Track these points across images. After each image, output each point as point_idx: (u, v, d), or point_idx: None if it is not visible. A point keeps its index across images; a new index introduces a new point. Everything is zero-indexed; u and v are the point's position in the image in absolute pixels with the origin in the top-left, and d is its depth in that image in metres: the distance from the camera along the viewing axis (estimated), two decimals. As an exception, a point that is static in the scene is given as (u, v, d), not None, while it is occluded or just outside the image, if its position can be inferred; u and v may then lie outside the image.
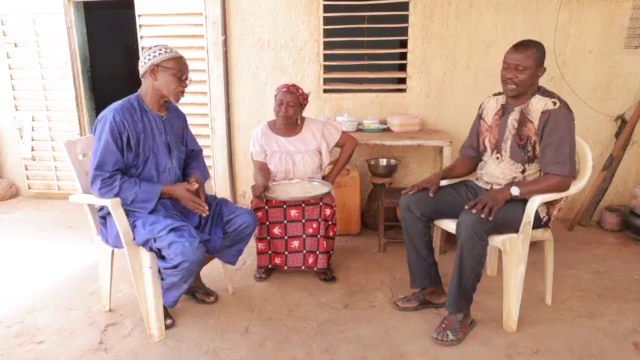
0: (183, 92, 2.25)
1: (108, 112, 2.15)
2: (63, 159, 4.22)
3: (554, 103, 2.15)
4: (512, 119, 2.27)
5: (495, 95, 2.43)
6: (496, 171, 2.35)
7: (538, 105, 2.19)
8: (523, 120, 2.23)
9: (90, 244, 2.71)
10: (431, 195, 2.34)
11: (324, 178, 2.94)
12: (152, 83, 2.20)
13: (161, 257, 2.12)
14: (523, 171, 2.27)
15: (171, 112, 2.38)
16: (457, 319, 2.19)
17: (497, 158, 2.35)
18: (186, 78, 2.23)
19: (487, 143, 2.40)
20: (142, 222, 2.13)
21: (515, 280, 2.21)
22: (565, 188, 2.18)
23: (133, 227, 2.15)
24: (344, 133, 2.98)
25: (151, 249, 2.12)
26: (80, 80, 4.32)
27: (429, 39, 3.70)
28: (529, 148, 2.22)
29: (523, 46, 2.18)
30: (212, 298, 2.56)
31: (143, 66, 2.19)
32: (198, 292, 2.56)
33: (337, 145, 2.97)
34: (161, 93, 2.21)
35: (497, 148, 2.34)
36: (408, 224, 2.39)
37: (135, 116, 2.18)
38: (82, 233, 3.45)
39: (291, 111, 2.76)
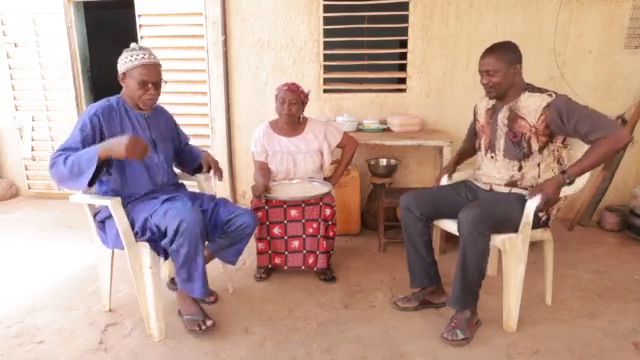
0: (153, 99, 2.25)
1: (89, 108, 2.20)
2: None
3: (550, 95, 2.15)
4: (502, 117, 2.29)
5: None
6: (492, 171, 2.35)
7: (529, 101, 2.19)
8: (513, 117, 2.23)
9: (90, 244, 2.70)
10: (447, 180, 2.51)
11: (327, 179, 2.95)
12: (125, 89, 2.26)
13: (161, 238, 2.13)
14: (520, 168, 2.26)
15: (157, 111, 2.42)
16: (464, 317, 2.19)
17: (492, 157, 2.36)
18: (155, 85, 2.22)
19: (482, 143, 2.42)
20: (138, 209, 2.18)
21: (515, 280, 2.20)
22: (624, 141, 2.03)
23: (132, 221, 2.16)
24: (345, 134, 2.99)
25: (152, 232, 2.12)
26: (80, 80, 4.32)
27: (429, 39, 3.70)
28: (524, 144, 2.22)
29: (489, 51, 2.23)
30: (212, 298, 2.55)
31: (118, 71, 2.22)
32: None
33: (338, 146, 2.97)
34: (133, 98, 2.24)
35: (491, 147, 2.35)
36: (408, 224, 2.40)
37: (113, 114, 2.21)
38: (82, 233, 3.46)
39: (294, 109, 2.76)
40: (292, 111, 2.76)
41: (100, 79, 4.83)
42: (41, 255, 3.25)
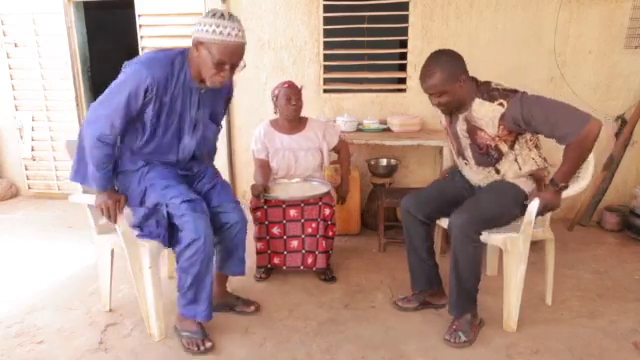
0: (222, 81, 1.97)
1: (143, 66, 1.91)
2: (63, 159, 4.24)
3: (501, 104, 1.99)
4: (460, 129, 2.18)
5: None
6: (474, 177, 2.31)
7: (482, 111, 2.05)
8: (472, 128, 2.11)
9: (90, 244, 2.70)
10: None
11: (338, 189, 2.97)
12: (194, 55, 1.95)
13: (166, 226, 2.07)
14: (497, 171, 2.19)
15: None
16: (466, 320, 2.18)
17: (465, 164, 2.31)
18: (232, 67, 1.93)
19: (451, 146, 2.34)
20: (153, 188, 2.07)
21: (515, 280, 2.20)
22: (592, 136, 1.91)
23: (143, 193, 2.08)
24: (341, 139, 3.01)
25: (158, 217, 2.07)
26: (80, 80, 4.32)
27: (429, 39, 3.69)
28: (492, 152, 2.12)
29: (427, 74, 2.06)
30: (252, 308, 2.43)
31: (193, 33, 1.91)
32: (237, 305, 2.44)
33: (334, 149, 2.98)
34: (199, 69, 1.96)
35: (461, 155, 2.29)
36: (409, 227, 2.37)
37: (169, 83, 1.95)
38: (82, 233, 3.45)
39: (299, 103, 2.79)
40: (298, 106, 2.79)
41: (100, 79, 4.84)
42: (41, 255, 3.25)
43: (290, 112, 2.79)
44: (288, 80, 2.83)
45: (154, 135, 2.07)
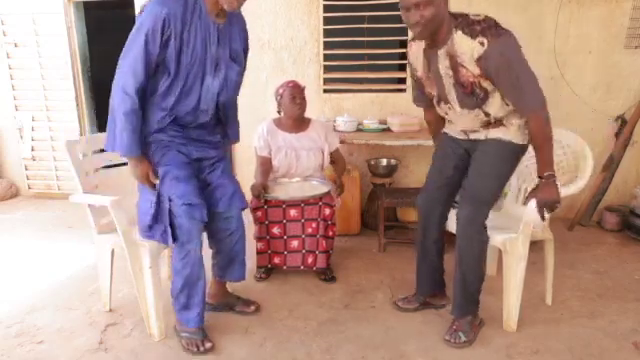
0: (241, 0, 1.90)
1: (156, 4, 1.86)
2: (63, 159, 4.23)
3: (481, 43, 1.82)
4: (443, 66, 1.97)
5: (412, 41, 2.13)
6: (459, 123, 2.14)
7: (463, 46, 1.86)
8: (455, 65, 1.92)
9: (90, 244, 2.70)
10: None
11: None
12: None
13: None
14: (486, 114, 2.01)
15: (232, 20, 2.05)
16: (467, 320, 2.17)
17: (450, 108, 2.10)
18: None
19: (432, 93, 2.14)
20: (166, 172, 2.02)
21: (515, 280, 2.20)
22: (546, 120, 1.93)
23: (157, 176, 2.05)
24: (337, 150, 3.00)
25: (162, 207, 2.03)
26: (80, 80, 4.32)
27: (429, 39, 3.69)
28: (478, 91, 1.93)
29: None
30: (252, 308, 2.42)
31: None
32: (237, 305, 2.44)
33: (332, 155, 2.96)
34: None
35: (444, 100, 2.07)
36: (425, 228, 2.31)
37: (186, 17, 1.88)
38: (82, 233, 3.45)
39: (304, 103, 2.81)
40: (303, 105, 2.80)
41: (100, 79, 4.83)
42: (41, 255, 3.25)
43: (295, 111, 2.79)
44: (292, 80, 2.84)
45: (177, 79, 1.97)
